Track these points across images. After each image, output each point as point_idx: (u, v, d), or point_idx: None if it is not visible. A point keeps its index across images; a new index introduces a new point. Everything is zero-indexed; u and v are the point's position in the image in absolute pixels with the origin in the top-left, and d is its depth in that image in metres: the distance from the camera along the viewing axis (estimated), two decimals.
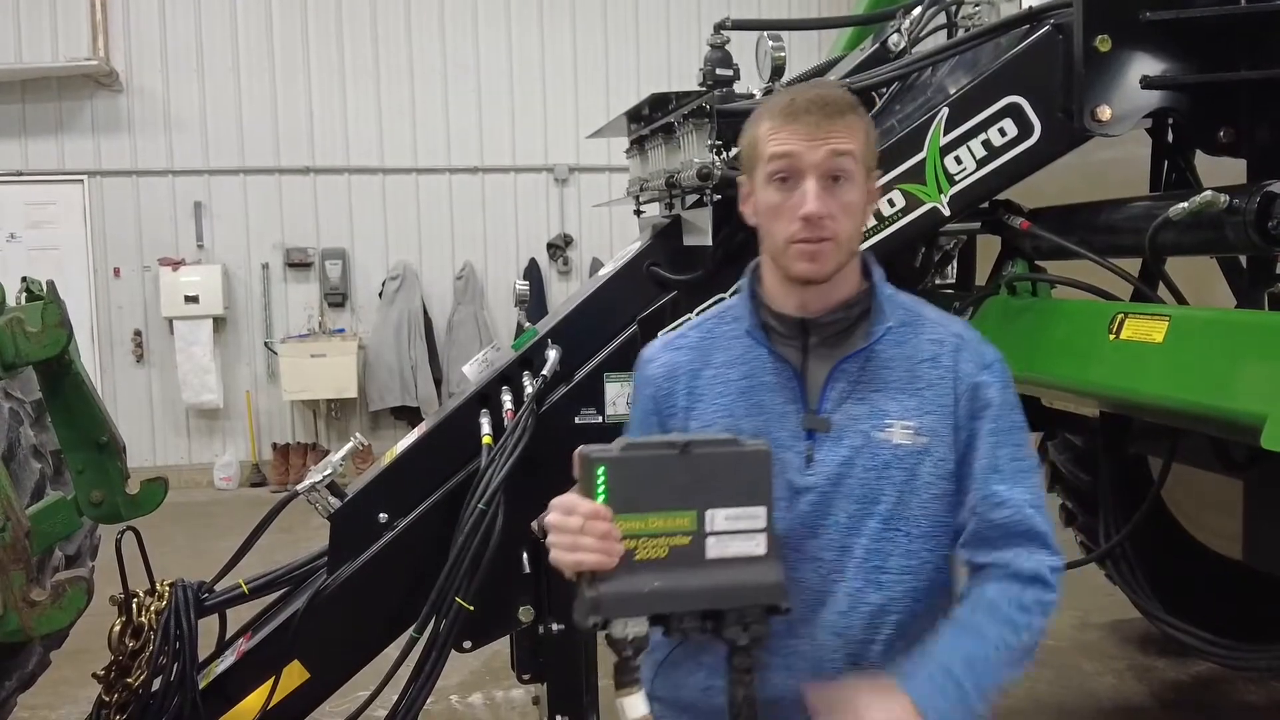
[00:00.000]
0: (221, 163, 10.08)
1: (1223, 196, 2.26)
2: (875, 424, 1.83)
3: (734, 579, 1.69)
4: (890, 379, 1.84)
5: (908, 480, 1.82)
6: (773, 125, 1.80)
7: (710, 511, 1.68)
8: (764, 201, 1.82)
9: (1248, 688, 5.11)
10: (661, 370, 1.98)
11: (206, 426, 10.28)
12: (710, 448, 1.69)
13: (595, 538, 1.62)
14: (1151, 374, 2.28)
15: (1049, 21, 2.70)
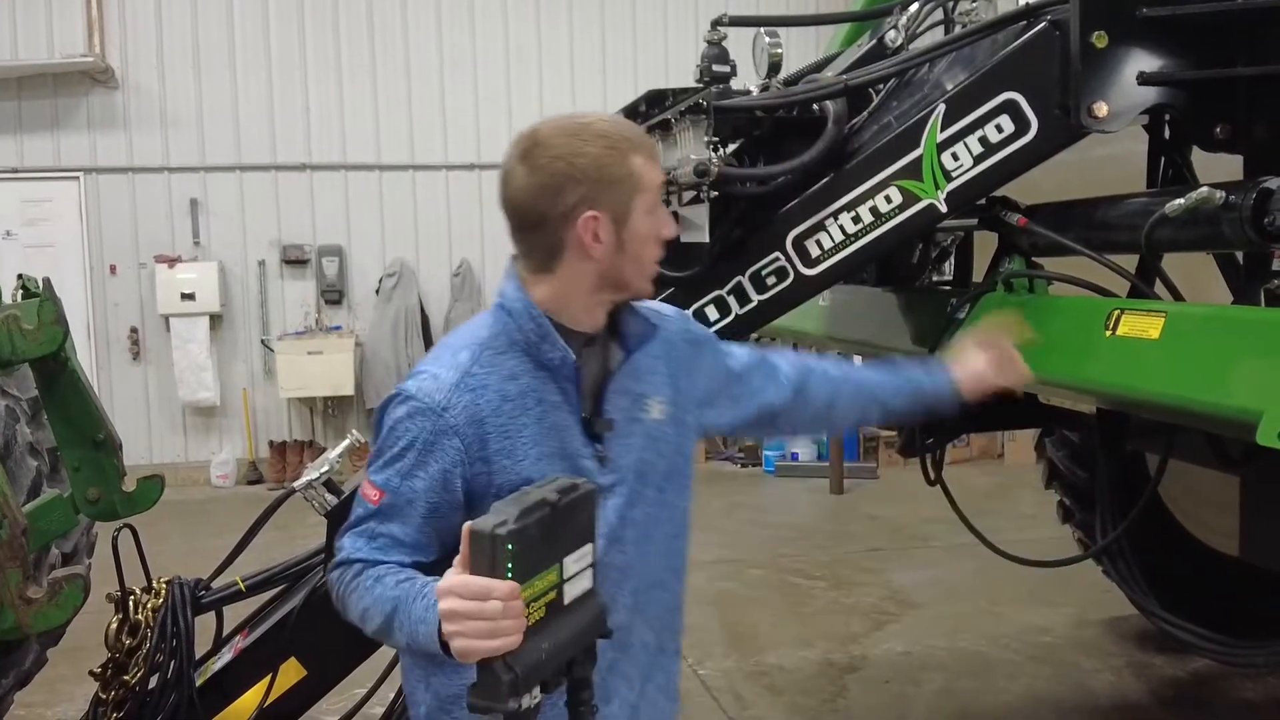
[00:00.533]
0: (218, 159, 10.09)
1: (1219, 193, 2.25)
2: (640, 409, 2.01)
3: (581, 620, 1.71)
4: (640, 370, 2.03)
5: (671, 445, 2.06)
6: (647, 156, 1.91)
7: (565, 560, 1.67)
8: (647, 229, 1.91)
9: (1245, 684, 5.12)
10: (463, 416, 1.87)
11: (203, 424, 10.29)
12: (567, 496, 1.65)
13: (514, 618, 1.56)
14: (1148, 370, 2.28)
15: (1046, 18, 2.68)
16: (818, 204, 2.92)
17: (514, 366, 1.92)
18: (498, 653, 1.57)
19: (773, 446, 10.51)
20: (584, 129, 1.88)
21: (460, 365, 1.90)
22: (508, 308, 1.94)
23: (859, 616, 6.25)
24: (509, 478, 1.89)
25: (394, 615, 1.79)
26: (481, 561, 1.57)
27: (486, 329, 1.95)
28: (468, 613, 1.56)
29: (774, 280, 2.98)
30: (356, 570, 1.90)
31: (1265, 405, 1.90)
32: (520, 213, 1.89)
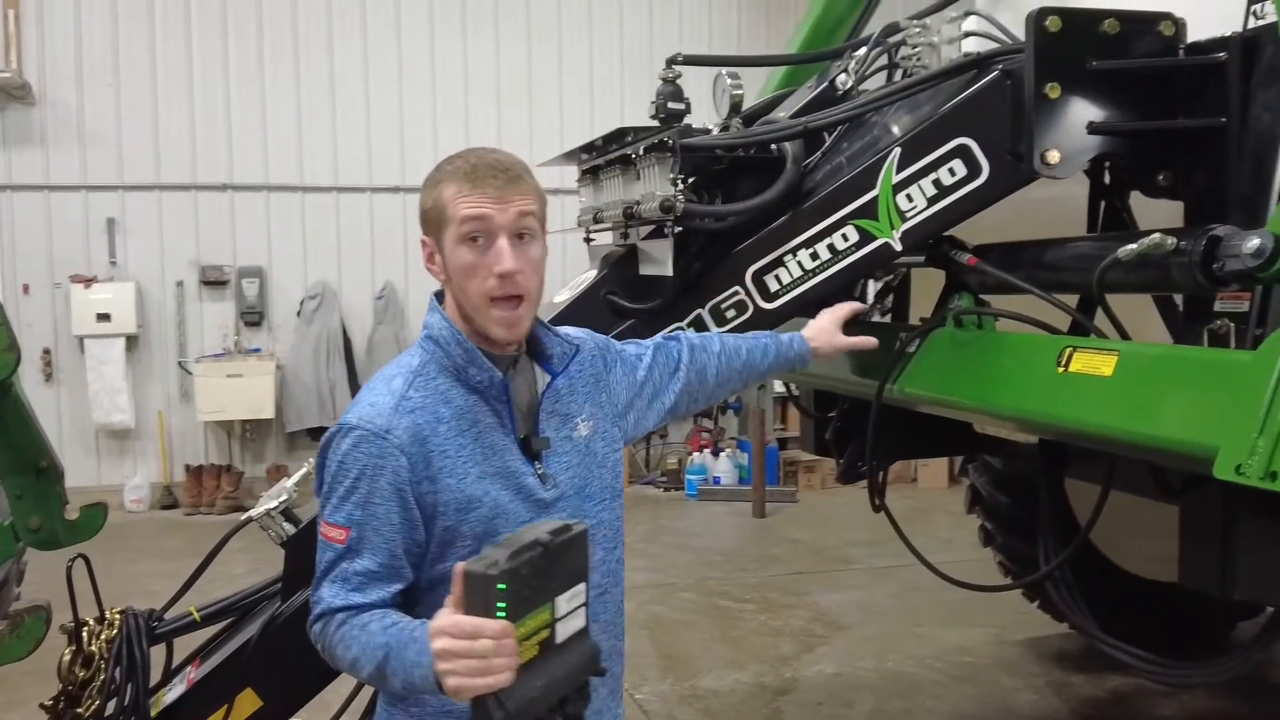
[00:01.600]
0: (136, 178, 9.93)
1: (1170, 239, 2.39)
2: (570, 428, 2.11)
3: (574, 659, 1.74)
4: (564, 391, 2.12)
5: (596, 460, 2.14)
6: (459, 189, 1.93)
7: (557, 599, 1.70)
8: (457, 262, 1.95)
9: (1161, 702, 5.33)
10: (407, 436, 1.93)
11: (117, 447, 10.07)
12: (557, 537, 1.69)
13: (508, 656, 1.60)
14: (1101, 405, 2.40)
15: (998, 67, 2.82)
16: (777, 240, 3.02)
17: (447, 390, 1.99)
18: (491, 690, 1.60)
19: (694, 470, 10.62)
20: (446, 159, 2.01)
21: (395, 391, 1.97)
22: (434, 337, 2.03)
23: (788, 639, 6.35)
24: (454, 495, 1.95)
25: (386, 662, 1.82)
26: (474, 602, 1.61)
27: (416, 358, 2.03)
28: (460, 652, 1.60)
29: (733, 313, 3.07)
30: (340, 620, 1.92)
31: (1221, 440, 2.02)
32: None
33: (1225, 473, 2.00)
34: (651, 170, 3.05)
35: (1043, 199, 3.34)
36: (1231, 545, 2.68)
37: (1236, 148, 2.62)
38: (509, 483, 2.00)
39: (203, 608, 3.14)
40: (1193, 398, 2.20)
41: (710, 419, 11.43)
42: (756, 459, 9.75)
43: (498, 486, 1.98)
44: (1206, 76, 2.69)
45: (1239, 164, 2.61)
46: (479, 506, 1.97)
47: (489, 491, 1.98)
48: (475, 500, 1.97)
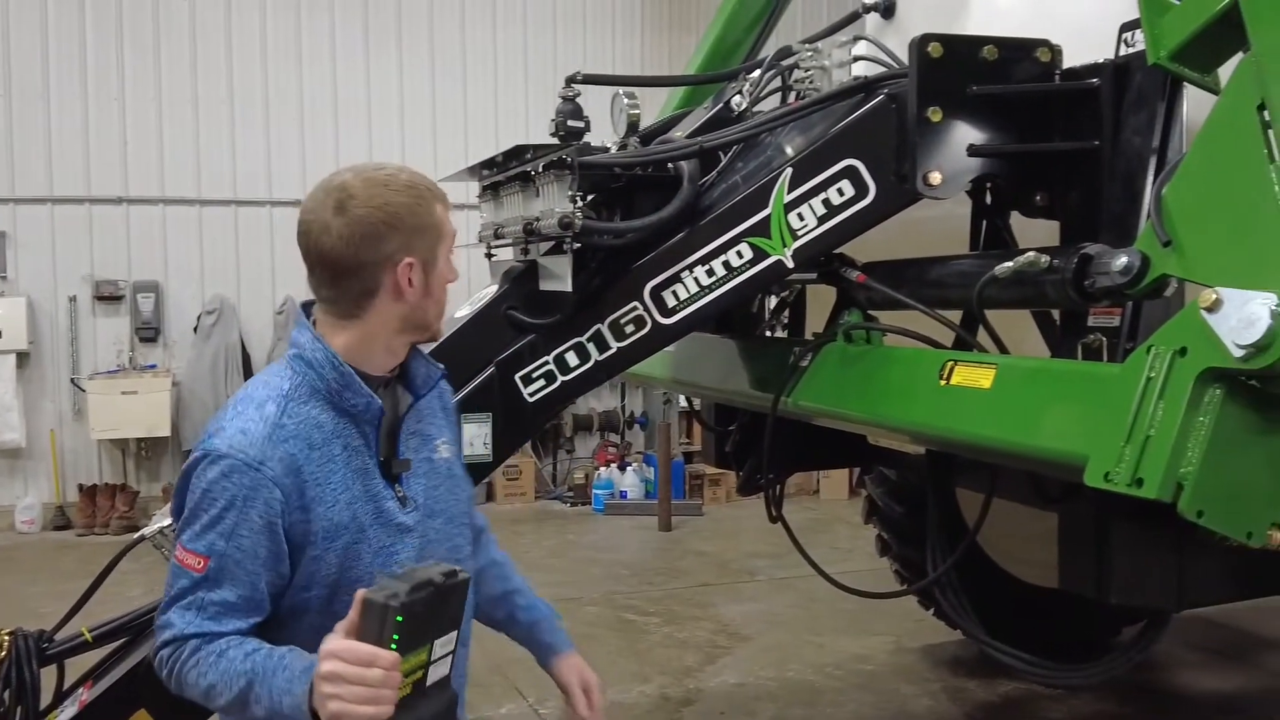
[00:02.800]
0: (28, 191, 9.67)
1: (1044, 257, 2.50)
2: (430, 449, 2.13)
3: (435, 704, 1.78)
4: (427, 413, 2.16)
5: (456, 481, 2.19)
6: (445, 208, 2.02)
7: (435, 642, 1.74)
8: (449, 273, 2.03)
9: (1050, 705, 5.49)
10: (281, 468, 1.89)
11: (7, 467, 9.76)
12: (448, 580, 1.71)
13: (392, 689, 1.63)
14: (980, 417, 2.50)
15: (884, 91, 2.92)
16: (674, 257, 3.08)
17: (317, 415, 1.95)
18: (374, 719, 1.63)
19: (601, 485, 10.65)
20: (391, 179, 1.95)
21: (268, 418, 1.91)
22: (306, 358, 1.97)
23: (692, 650, 6.41)
24: (324, 524, 1.93)
25: (250, 689, 1.80)
26: (370, 630, 1.63)
27: (286, 380, 1.97)
28: (351, 678, 1.62)
29: (632, 328, 3.13)
30: (193, 647, 1.88)
31: (1090, 450, 2.12)
32: (335, 262, 1.92)
33: (1095, 480, 2.10)
34: (550, 187, 3.10)
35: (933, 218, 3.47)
36: (1106, 550, 2.81)
37: (1109, 169, 2.75)
38: (373, 507, 1.98)
39: (94, 628, 3.09)
40: (1065, 409, 2.31)
41: (617, 434, 11.48)
42: (662, 473, 9.81)
43: (365, 511, 1.97)
44: (1081, 101, 2.82)
45: (1111, 185, 2.74)
46: (344, 533, 1.95)
47: (356, 517, 1.96)
48: (342, 527, 1.95)
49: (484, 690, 5.70)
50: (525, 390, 3.17)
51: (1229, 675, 6.02)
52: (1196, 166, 2.21)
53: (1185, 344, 2.02)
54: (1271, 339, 1.87)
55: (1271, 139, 2.08)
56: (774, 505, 3.95)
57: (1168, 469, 1.98)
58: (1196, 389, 2.00)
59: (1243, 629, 6.59)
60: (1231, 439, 2.00)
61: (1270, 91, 2.09)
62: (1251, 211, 2.05)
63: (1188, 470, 1.99)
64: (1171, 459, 1.98)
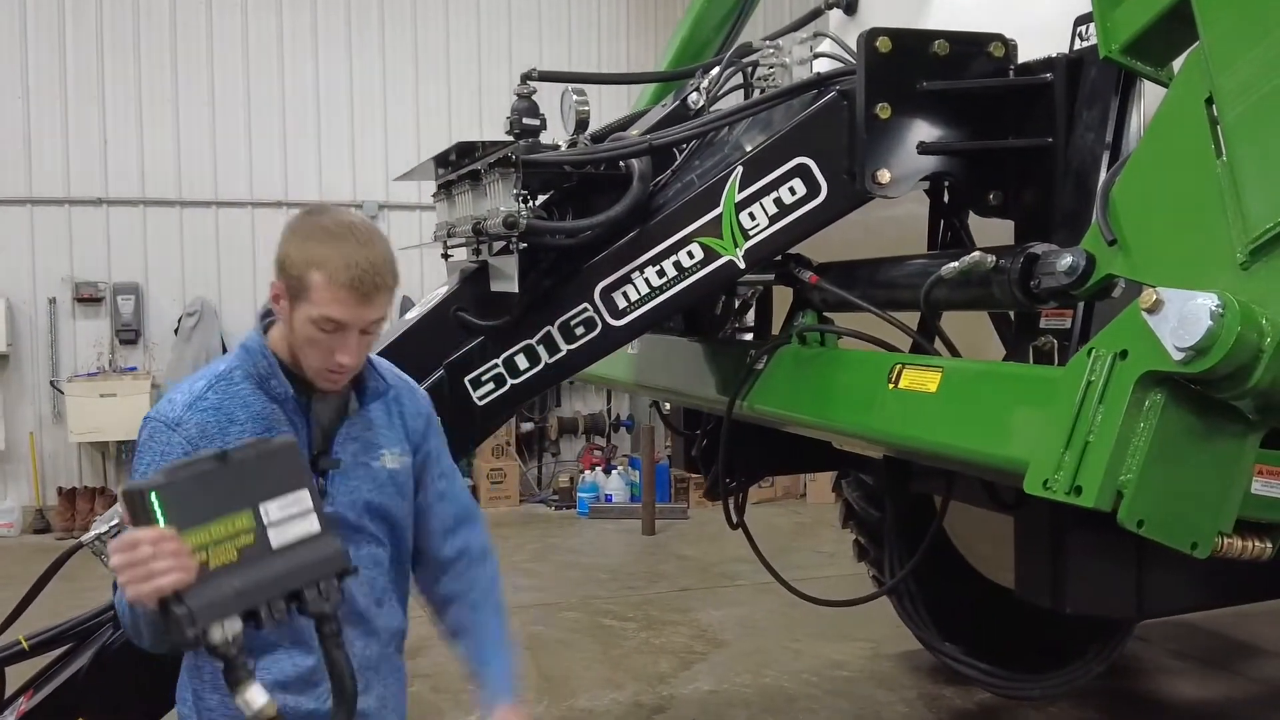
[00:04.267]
0: (7, 192, 9.60)
1: (990, 257, 2.43)
2: (372, 456, 2.23)
3: (302, 559, 1.90)
4: (377, 424, 2.26)
5: (399, 491, 2.28)
6: (329, 285, 2.02)
7: (264, 506, 1.87)
8: (305, 334, 2.06)
9: (1028, 713, 5.41)
10: (195, 431, 2.09)
11: None
12: (244, 451, 1.88)
13: (169, 558, 1.73)
14: (927, 421, 2.43)
15: (835, 88, 2.85)
16: (624, 258, 3.01)
17: (247, 395, 2.14)
18: (163, 592, 1.74)
19: (586, 489, 10.58)
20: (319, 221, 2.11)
21: (195, 391, 2.14)
22: (246, 345, 2.20)
23: (668, 656, 6.34)
24: None
25: (128, 612, 1.97)
26: (135, 516, 1.77)
27: (224, 363, 2.21)
28: (123, 563, 1.74)
29: (583, 330, 3.05)
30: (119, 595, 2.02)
31: (1030, 456, 2.05)
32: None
33: (1034, 488, 2.03)
34: (496, 185, 3.03)
35: (900, 218, 3.40)
36: (1061, 558, 2.74)
37: (1062, 167, 2.68)
38: None
39: (32, 636, 3.03)
40: (1008, 413, 2.24)
41: (602, 436, 11.41)
42: (646, 476, 9.74)
43: None
44: (1034, 97, 2.74)
45: (1064, 183, 2.67)
46: None
47: None
48: None
49: (453, 696, 5.63)
50: (475, 393, 3.09)
51: (1211, 683, 5.95)
52: (1143, 162, 2.14)
53: (1126, 346, 1.95)
54: (1212, 341, 1.79)
55: (1219, 133, 2.01)
56: (736, 511, 3.88)
57: (1106, 476, 1.91)
58: (1137, 393, 1.93)
59: (1227, 635, 6.51)
60: (1173, 445, 1.93)
61: (1218, 85, 2.03)
62: (1196, 209, 1.99)
63: (1128, 478, 1.92)
64: (1110, 466, 1.91)
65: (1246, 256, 1.88)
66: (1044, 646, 4.51)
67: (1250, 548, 2.09)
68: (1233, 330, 1.75)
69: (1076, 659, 3.29)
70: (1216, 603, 3.19)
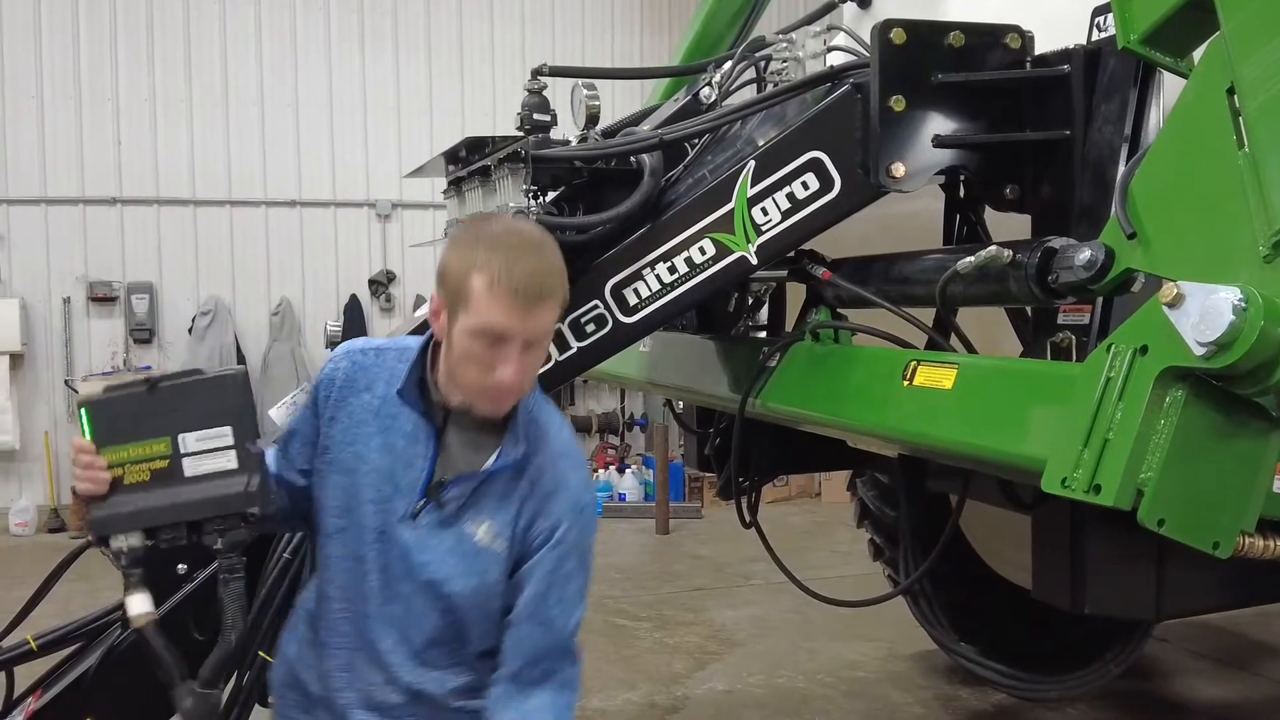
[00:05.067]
0: (22, 192, 9.63)
1: (1006, 251, 2.38)
2: (473, 519, 2.06)
3: (209, 492, 1.99)
4: (496, 490, 2.06)
5: (480, 575, 2.06)
6: (491, 292, 1.90)
7: (182, 436, 1.98)
8: (463, 348, 1.94)
9: (1046, 715, 5.36)
10: (333, 373, 2.15)
11: (1, 469, 9.73)
12: (176, 379, 2.00)
13: (80, 468, 1.98)
14: (942, 419, 2.38)
15: (849, 80, 2.80)
16: (635, 254, 2.98)
17: (398, 378, 2.08)
18: (80, 494, 2.00)
19: (600, 488, 10.55)
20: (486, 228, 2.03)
21: (373, 345, 2.18)
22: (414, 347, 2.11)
23: (682, 656, 6.31)
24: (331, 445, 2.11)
25: None
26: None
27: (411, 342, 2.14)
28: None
29: (593, 328, 3.02)
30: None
31: (1048, 454, 2.01)
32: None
33: (1052, 486, 1.98)
34: (506, 181, 3.00)
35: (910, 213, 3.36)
36: (1080, 559, 2.69)
37: (1080, 160, 2.63)
38: (386, 486, 2.06)
39: (40, 636, 3.01)
40: (1025, 410, 2.19)
41: (616, 435, 11.38)
42: (660, 475, 9.70)
43: (371, 480, 2.07)
44: (1051, 89, 2.69)
45: (1082, 176, 2.62)
46: (339, 475, 2.10)
47: (355, 469, 2.08)
48: (340, 467, 2.10)
49: None
50: None
51: (1231, 684, 5.88)
52: (1163, 155, 2.09)
53: (1146, 342, 1.90)
54: (1234, 336, 1.73)
55: (1241, 124, 1.96)
56: (750, 511, 3.84)
57: (1126, 474, 1.86)
58: (1157, 390, 1.88)
59: (1247, 635, 6.44)
60: (1194, 443, 1.88)
61: (1240, 74, 1.97)
62: (1217, 201, 1.93)
63: (1148, 476, 1.87)
64: (1130, 464, 1.86)
65: (1270, 249, 1.83)
66: (1062, 647, 4.46)
67: (1272, 548, 2.05)
68: (1256, 325, 1.70)
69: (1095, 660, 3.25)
70: (1237, 603, 3.14)
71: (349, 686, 2.16)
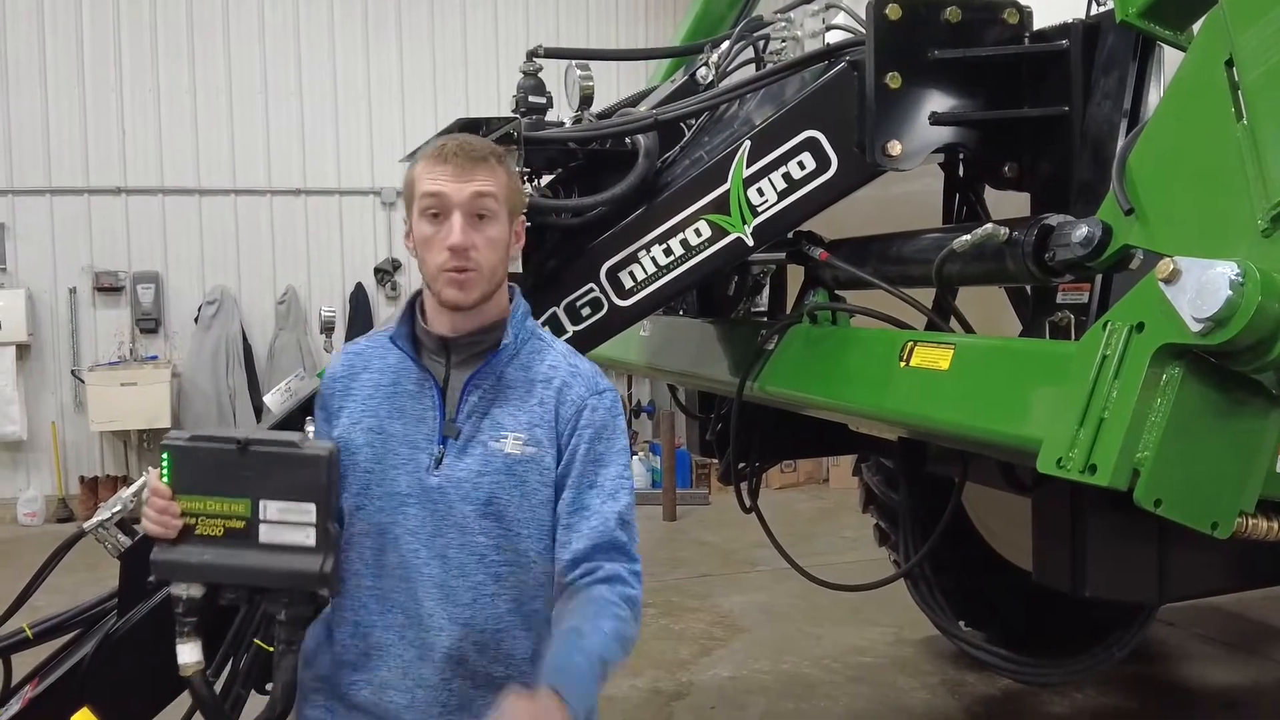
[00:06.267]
0: (26, 182, 9.62)
1: (1003, 229, 2.35)
2: (493, 435, 2.08)
3: (281, 564, 1.98)
4: (511, 396, 2.11)
5: (519, 485, 2.07)
6: (425, 166, 2.05)
7: (264, 502, 1.97)
8: (418, 233, 2.07)
9: (1052, 699, 5.34)
10: (331, 371, 2.23)
11: (9, 459, 9.74)
12: (269, 447, 1.98)
13: (155, 510, 1.98)
14: (939, 400, 2.36)
15: (845, 58, 2.77)
16: (630, 236, 2.95)
17: (390, 349, 2.16)
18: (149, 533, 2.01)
19: None
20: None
21: (365, 336, 2.29)
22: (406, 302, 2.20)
23: (688, 643, 6.29)
24: (342, 435, 2.13)
25: None
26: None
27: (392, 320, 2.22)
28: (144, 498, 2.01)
29: (589, 311, 2.99)
30: None
31: (1044, 434, 1.98)
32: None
33: (1047, 466, 1.95)
34: None
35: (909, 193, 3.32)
36: (1080, 541, 2.66)
37: (1079, 136, 2.59)
38: (409, 451, 2.09)
39: (36, 624, 3.01)
40: (1021, 390, 2.16)
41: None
42: (667, 462, 9.69)
43: (394, 446, 2.09)
44: (1050, 64, 2.65)
45: (1081, 153, 2.58)
46: (357, 454, 2.10)
47: (373, 444, 2.10)
48: (357, 446, 2.11)
49: None
50: None
51: (1239, 668, 5.84)
52: (1161, 128, 2.05)
53: (1142, 318, 1.87)
54: (1231, 312, 1.70)
55: (1240, 96, 1.92)
56: (750, 495, 3.82)
57: (1122, 454, 1.83)
58: (1154, 367, 1.85)
59: (1254, 619, 6.40)
60: (1192, 421, 1.85)
61: (1238, 46, 1.94)
62: (1215, 175, 1.90)
63: (1144, 455, 1.84)
64: (1126, 443, 1.83)
65: (1268, 224, 1.79)
66: (1066, 631, 4.43)
67: (1274, 528, 2.00)
68: (1253, 300, 1.67)
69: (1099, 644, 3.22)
70: (1241, 585, 3.10)
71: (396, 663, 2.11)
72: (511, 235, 2.12)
